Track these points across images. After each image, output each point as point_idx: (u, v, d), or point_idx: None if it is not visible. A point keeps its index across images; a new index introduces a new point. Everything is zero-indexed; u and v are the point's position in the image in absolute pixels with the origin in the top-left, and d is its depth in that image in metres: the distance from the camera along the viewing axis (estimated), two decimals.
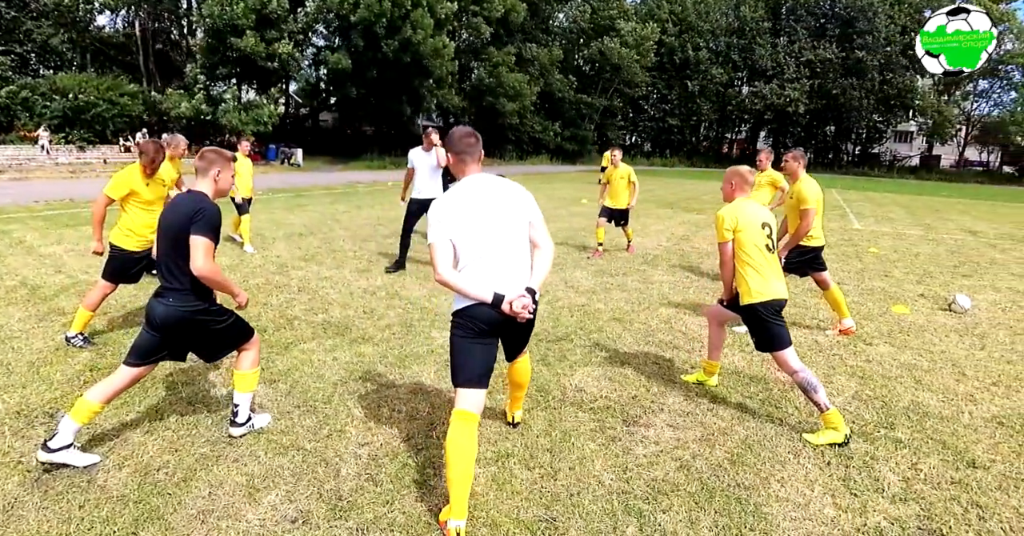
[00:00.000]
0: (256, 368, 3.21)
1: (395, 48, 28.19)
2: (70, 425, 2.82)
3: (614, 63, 46.33)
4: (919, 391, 4.27)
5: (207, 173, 2.95)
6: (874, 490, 2.98)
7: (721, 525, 2.60)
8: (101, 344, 4.45)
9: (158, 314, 2.87)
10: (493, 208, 2.63)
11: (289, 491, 2.72)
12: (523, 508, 2.60)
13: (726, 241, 3.60)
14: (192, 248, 2.77)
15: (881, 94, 48.63)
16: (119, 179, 4.30)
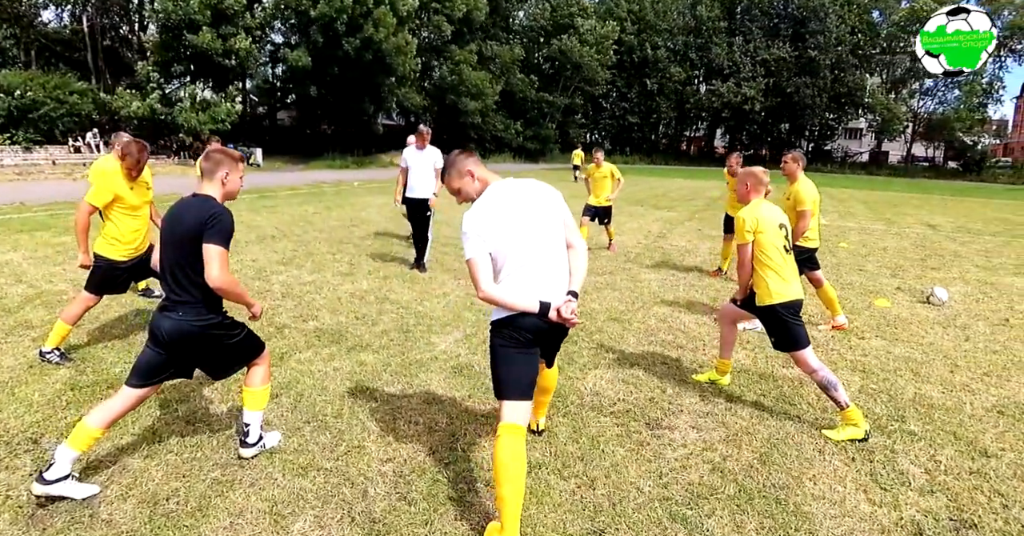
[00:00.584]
0: (267, 384, 3.02)
1: (357, 46, 27.69)
2: (68, 453, 2.58)
3: (574, 61, 46.64)
4: (920, 384, 4.36)
5: (214, 175, 2.74)
6: (901, 483, 3.01)
7: (767, 527, 2.58)
8: (79, 360, 4.14)
9: (166, 329, 2.65)
10: (527, 213, 2.52)
11: (318, 516, 2.55)
12: (567, 521, 2.53)
13: (746, 242, 3.60)
14: (207, 258, 2.57)
15: (833, 92, 50.33)
16: (102, 185, 3.98)
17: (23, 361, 4.09)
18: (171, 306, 2.67)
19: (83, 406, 3.40)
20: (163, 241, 2.71)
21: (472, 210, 2.54)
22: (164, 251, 2.70)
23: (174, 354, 2.71)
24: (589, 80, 48.87)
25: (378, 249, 8.78)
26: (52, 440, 3.03)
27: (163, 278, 2.72)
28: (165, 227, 2.71)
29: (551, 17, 47.50)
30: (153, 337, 2.70)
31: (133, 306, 5.49)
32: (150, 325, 2.72)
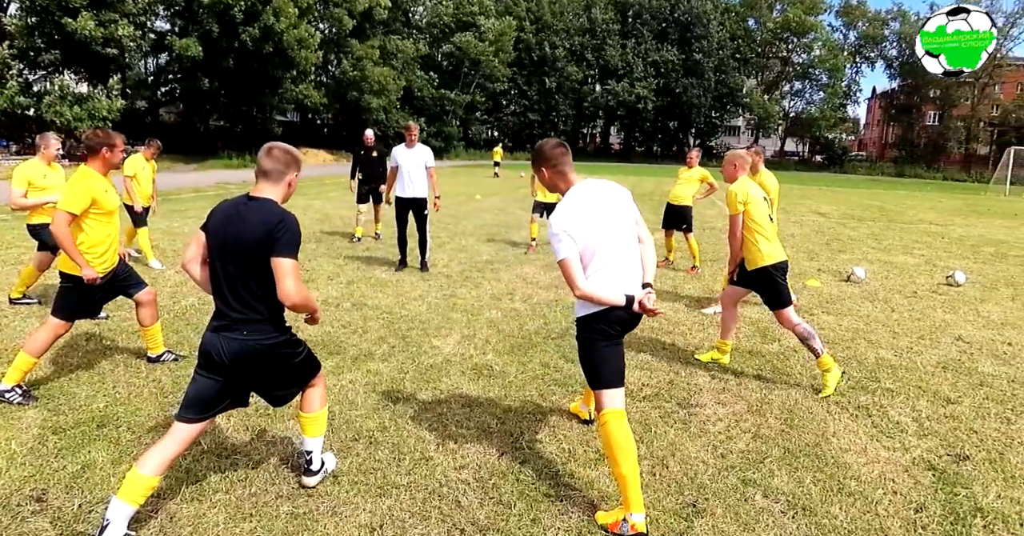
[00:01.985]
0: (326, 407, 2.79)
1: (256, 36, 26.28)
2: (124, 510, 2.25)
3: (474, 58, 46.98)
4: (875, 349, 5.05)
5: (283, 177, 2.46)
6: (900, 431, 3.55)
7: (821, 479, 2.98)
8: (46, 397, 3.54)
9: (230, 351, 2.38)
10: (609, 213, 2.68)
11: (424, 534, 2.47)
12: (659, 498, 2.74)
13: (738, 213, 4.11)
14: (280, 274, 2.33)
15: (716, 93, 54.32)
16: (78, 189, 3.51)
17: None
18: (232, 325, 2.40)
19: (79, 452, 2.95)
20: (215, 252, 2.41)
21: (560, 211, 2.65)
22: (218, 263, 2.41)
23: (234, 379, 2.46)
24: (489, 77, 49.40)
25: (326, 252, 8.45)
26: (60, 495, 2.63)
27: (219, 294, 2.44)
28: (216, 235, 2.41)
29: (453, 14, 47.45)
30: (209, 362, 2.42)
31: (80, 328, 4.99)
32: (204, 348, 2.43)
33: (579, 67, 54.24)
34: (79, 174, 3.59)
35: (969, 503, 2.83)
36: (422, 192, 7.09)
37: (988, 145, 49.65)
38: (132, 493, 2.27)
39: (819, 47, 54.74)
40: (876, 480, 3.00)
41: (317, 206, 14.14)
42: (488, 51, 46.84)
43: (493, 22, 47.85)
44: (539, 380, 4.10)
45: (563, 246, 2.59)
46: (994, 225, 15.48)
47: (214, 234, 2.41)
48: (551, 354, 4.63)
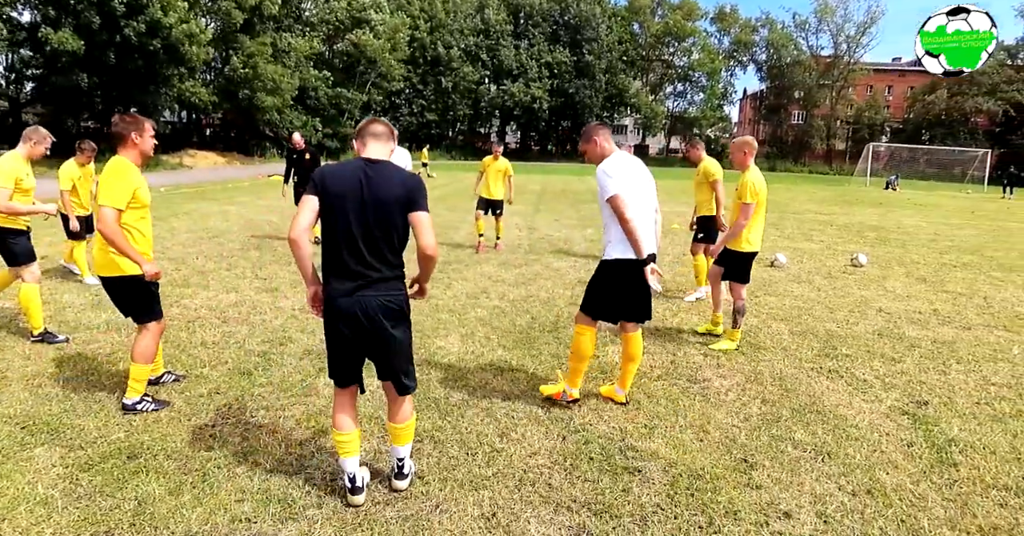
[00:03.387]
0: (414, 416, 2.85)
1: (141, 30, 24.32)
2: (354, 461, 2.69)
3: (369, 56, 46.12)
4: (822, 323, 5.84)
5: (390, 140, 2.65)
6: (868, 387, 4.25)
7: (829, 429, 3.57)
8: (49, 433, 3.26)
9: (372, 307, 2.49)
10: (641, 179, 3.52)
11: (539, 515, 2.62)
12: (714, 459, 3.16)
13: (752, 203, 4.60)
14: (425, 226, 2.51)
15: (607, 93, 56.84)
16: (122, 182, 3.25)
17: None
18: (371, 284, 2.50)
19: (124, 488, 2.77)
20: (350, 215, 2.46)
21: (611, 161, 3.41)
22: (353, 226, 2.46)
23: (363, 340, 2.56)
24: (385, 76, 48.67)
25: (273, 260, 8.15)
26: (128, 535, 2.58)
27: (354, 255, 2.49)
28: (350, 198, 2.45)
29: (347, 10, 46.22)
30: (347, 324, 2.51)
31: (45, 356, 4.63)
32: (340, 312, 2.50)
33: (475, 67, 54.73)
34: (118, 166, 3.30)
35: (943, 436, 3.52)
36: None
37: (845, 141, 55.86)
38: (351, 449, 2.65)
39: (697, 51, 58.97)
40: (868, 426, 3.63)
41: (235, 212, 13.50)
42: (383, 48, 46.12)
43: (386, 17, 47.17)
44: (559, 370, 4.42)
45: (614, 183, 3.32)
46: (866, 213, 17.67)
47: (344, 197, 2.46)
48: (556, 346, 4.96)
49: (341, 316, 2.53)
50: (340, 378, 2.68)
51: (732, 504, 2.75)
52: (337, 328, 2.57)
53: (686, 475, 2.98)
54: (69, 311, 5.56)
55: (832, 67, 56.55)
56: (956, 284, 7.92)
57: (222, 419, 3.49)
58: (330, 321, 2.59)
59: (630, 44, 57.81)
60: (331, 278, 2.56)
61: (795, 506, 2.76)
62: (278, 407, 3.66)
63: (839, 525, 2.65)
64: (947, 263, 9.56)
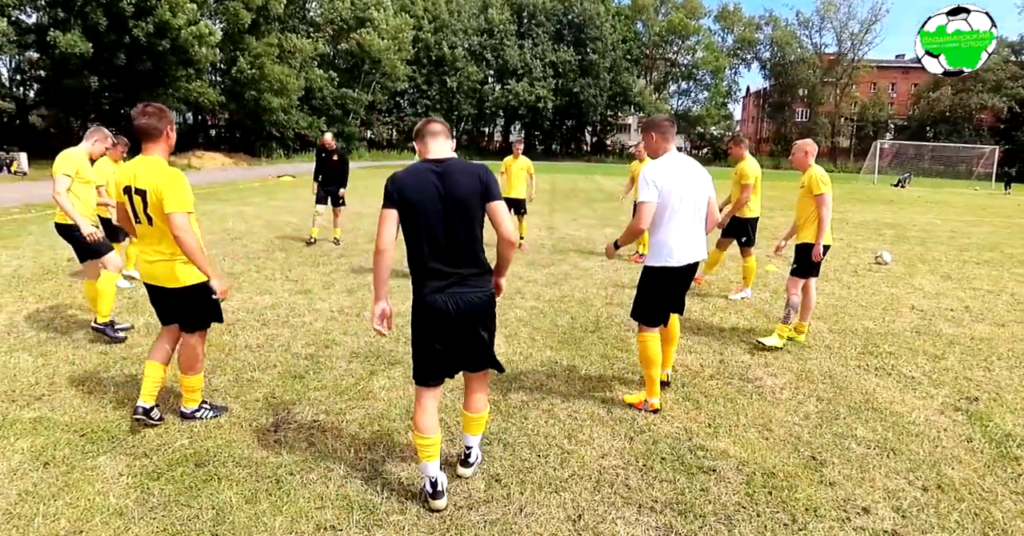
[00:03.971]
0: (488, 409, 2.92)
1: (150, 32, 24.38)
2: (435, 466, 2.68)
3: (373, 56, 46.16)
4: (859, 320, 5.88)
5: (449, 138, 2.72)
6: (917, 383, 4.28)
7: (887, 426, 3.60)
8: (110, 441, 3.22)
9: (464, 303, 2.56)
10: (690, 182, 3.49)
11: (623, 517, 2.64)
12: (782, 457, 3.20)
13: (828, 193, 4.71)
14: (501, 215, 2.58)
15: (611, 92, 56.86)
16: (184, 183, 3.07)
17: None
18: (462, 281, 2.57)
19: (199, 496, 2.74)
20: (434, 218, 2.52)
21: (656, 165, 3.42)
22: (440, 228, 2.53)
23: (454, 336, 2.61)
24: (389, 75, 48.72)
25: (300, 261, 8.14)
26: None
27: (442, 257, 2.55)
28: (431, 202, 2.51)
29: (351, 10, 46.28)
30: (438, 322, 2.58)
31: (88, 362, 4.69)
32: (431, 309, 2.57)
33: (479, 67, 54.80)
34: (168, 168, 3.08)
35: (999, 431, 3.56)
36: None
37: (849, 138, 55.87)
38: (434, 453, 2.65)
39: (701, 49, 59.00)
40: (925, 422, 3.67)
41: (251, 212, 13.50)
42: (387, 48, 46.16)
43: (389, 16, 47.21)
44: (611, 370, 4.45)
45: (648, 191, 3.35)
46: (879, 210, 17.71)
47: (423, 203, 2.50)
48: (602, 346, 4.97)
49: (435, 315, 2.58)
50: (428, 378, 2.69)
51: (811, 501, 2.79)
52: (431, 327, 2.61)
53: (759, 473, 3.01)
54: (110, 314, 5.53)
55: (836, 64, 56.58)
56: (982, 281, 7.96)
57: (283, 424, 3.46)
58: (423, 321, 2.62)
59: (634, 43, 57.89)
60: (423, 280, 2.61)
61: (871, 502, 2.80)
62: (337, 411, 3.64)
63: (916, 519, 2.69)
64: (968, 260, 9.60)
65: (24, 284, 6.46)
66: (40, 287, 6.37)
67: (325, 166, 9.67)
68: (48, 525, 2.51)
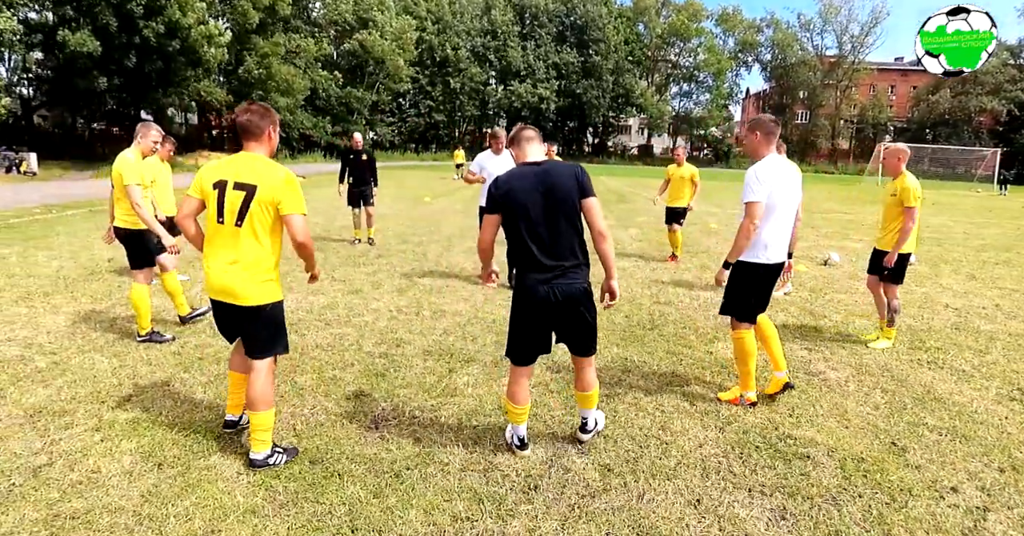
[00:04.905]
0: (597, 385, 3.21)
1: (160, 32, 24.46)
2: (520, 430, 3.14)
3: (377, 57, 46.37)
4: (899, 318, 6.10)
5: (542, 142, 3.03)
6: (970, 376, 4.51)
7: (953, 415, 3.83)
8: (221, 444, 3.21)
9: (565, 293, 2.81)
10: (790, 186, 3.66)
11: (735, 500, 2.81)
12: (863, 443, 3.41)
13: (917, 207, 4.77)
14: (596, 211, 2.83)
15: (614, 93, 57.14)
16: (298, 184, 2.94)
17: None
18: (565, 273, 2.83)
19: (325, 494, 2.76)
20: (538, 216, 2.78)
21: (763, 166, 3.57)
22: (543, 225, 2.78)
23: (559, 323, 2.91)
24: (393, 76, 48.92)
25: (339, 261, 8.25)
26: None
27: (546, 251, 2.80)
28: (533, 203, 2.76)
29: (353, 11, 46.45)
30: (541, 309, 2.84)
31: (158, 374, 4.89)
32: (535, 298, 2.83)
33: (482, 68, 55.06)
34: (282, 167, 2.93)
35: None
36: None
37: (849, 140, 56.34)
38: (523, 419, 3.09)
39: (703, 51, 59.38)
40: (986, 411, 3.89)
41: None
42: (390, 48, 46.35)
43: (392, 17, 47.41)
44: (680, 366, 4.63)
45: (759, 190, 3.52)
46: None
47: (526, 204, 2.79)
48: (665, 343, 5.13)
49: (538, 303, 2.87)
50: (524, 358, 3.03)
51: (903, 483, 3.00)
52: (532, 314, 2.91)
53: (850, 459, 3.22)
54: (167, 314, 5.50)
55: (836, 67, 57.01)
56: (1005, 281, 8.21)
57: (382, 421, 3.52)
58: (525, 308, 2.92)
59: (635, 44, 58.21)
60: (528, 272, 2.89)
61: (957, 482, 3.02)
62: (429, 408, 3.72)
63: (1000, 496, 2.91)
64: (988, 261, 9.85)
65: (72, 284, 6.52)
66: (90, 287, 6.44)
67: (355, 167, 9.68)
68: (183, 525, 2.54)
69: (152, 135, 4.80)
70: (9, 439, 3.22)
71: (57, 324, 5.14)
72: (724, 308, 3.91)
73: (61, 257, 7.90)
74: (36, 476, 2.88)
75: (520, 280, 2.91)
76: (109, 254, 7.90)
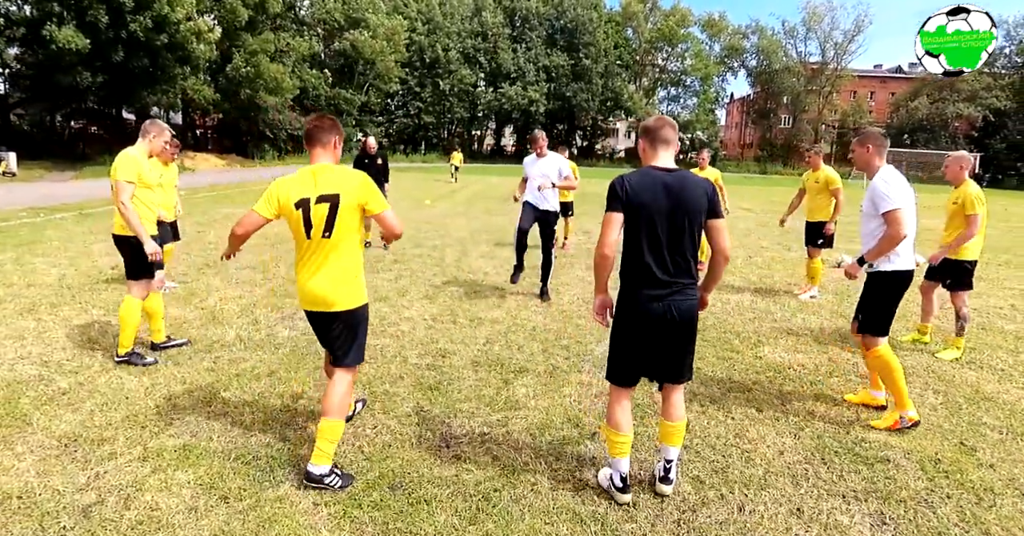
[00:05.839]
0: (685, 418, 2.92)
1: (148, 26, 23.94)
2: (622, 464, 2.81)
3: (367, 57, 46.08)
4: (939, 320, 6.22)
5: (677, 148, 2.88)
6: (1009, 376, 4.61)
7: (1006, 413, 3.92)
8: (282, 467, 3.35)
9: (683, 311, 2.66)
10: (910, 191, 3.59)
11: (843, 507, 2.82)
12: (936, 444, 3.46)
13: (980, 214, 4.78)
14: (721, 232, 2.70)
15: (603, 97, 57.46)
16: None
17: None
18: (682, 290, 2.67)
19: (406, 518, 2.62)
20: (659, 225, 2.62)
21: (890, 177, 3.55)
22: (664, 235, 2.62)
23: (669, 341, 2.70)
24: (383, 77, 48.65)
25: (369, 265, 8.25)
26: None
27: (662, 265, 2.64)
28: (658, 210, 2.60)
29: (343, 10, 46.09)
30: (655, 328, 2.67)
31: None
32: (650, 315, 2.65)
33: (472, 70, 54.97)
34: (357, 173, 2.91)
35: None
36: (553, 205, 6.45)
37: (831, 145, 57.18)
38: (626, 450, 2.79)
39: (690, 56, 60.02)
40: None
41: None
42: (381, 49, 46.09)
43: (383, 18, 47.15)
44: (732, 371, 4.65)
45: (897, 198, 3.44)
46: None
47: (650, 209, 2.60)
48: (712, 349, 5.12)
49: (651, 320, 2.66)
50: (628, 379, 2.80)
51: (983, 482, 3.06)
52: (643, 332, 2.70)
53: (927, 460, 3.27)
54: (188, 327, 5.24)
55: (819, 73, 57.97)
56: (1011, 282, 8.40)
57: (452, 438, 3.38)
58: (635, 325, 2.71)
59: (624, 49, 58.62)
60: (641, 286, 2.68)
61: None
62: (496, 422, 3.60)
63: None
64: (990, 262, 10.06)
65: (79, 294, 6.18)
66: (99, 297, 6.08)
67: (370, 171, 9.58)
68: None
69: (165, 134, 4.50)
70: (48, 474, 2.89)
71: (71, 339, 4.81)
72: (865, 325, 3.72)
73: (60, 264, 7.58)
74: (88, 517, 2.59)
75: (630, 295, 2.72)
76: (112, 261, 7.53)
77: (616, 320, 2.81)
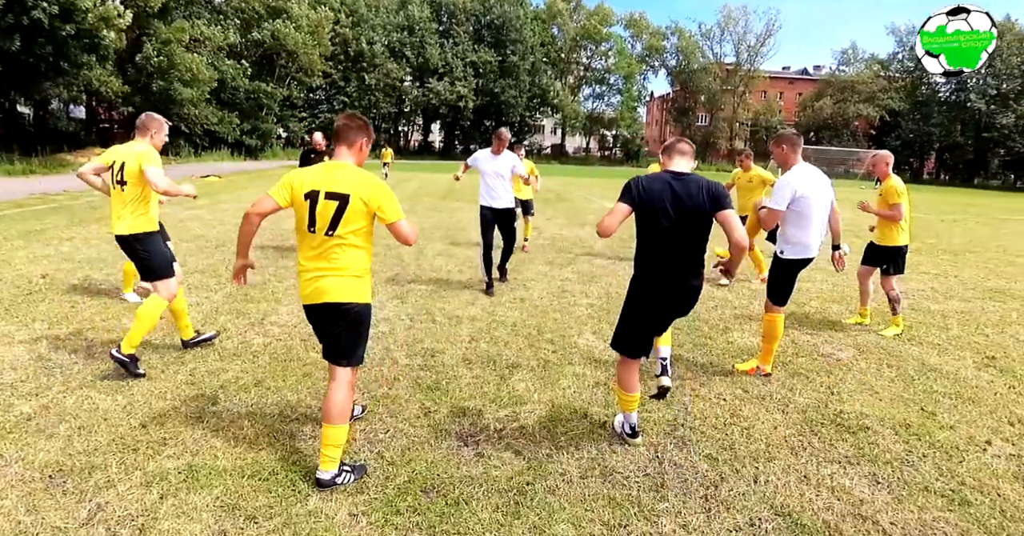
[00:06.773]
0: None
1: (53, 13, 22.14)
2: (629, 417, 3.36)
3: (289, 49, 44.44)
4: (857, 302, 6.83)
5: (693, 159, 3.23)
6: (945, 349, 5.18)
7: (955, 384, 4.44)
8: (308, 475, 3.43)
9: (687, 289, 3.11)
10: (821, 187, 4.12)
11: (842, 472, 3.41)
12: (903, 411, 3.92)
13: (902, 203, 5.39)
14: (732, 222, 2.97)
15: (531, 93, 58.04)
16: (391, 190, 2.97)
17: None
18: (696, 275, 3.12)
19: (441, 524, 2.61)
20: (660, 219, 2.98)
21: (794, 174, 4.04)
22: (675, 233, 2.99)
23: (673, 311, 3.21)
24: (306, 70, 47.06)
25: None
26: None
27: (669, 254, 3.04)
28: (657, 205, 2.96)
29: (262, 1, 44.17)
30: (669, 305, 3.16)
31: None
32: (666, 295, 3.10)
33: (399, 64, 54.08)
34: (374, 175, 2.87)
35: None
36: (508, 202, 6.67)
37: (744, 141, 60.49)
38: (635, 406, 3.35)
39: (614, 55, 61.72)
40: (975, 377, 4.55)
41: (211, 217, 11.87)
42: (304, 40, 44.53)
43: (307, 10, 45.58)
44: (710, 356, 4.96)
45: (783, 198, 3.98)
46: None
47: (655, 206, 2.98)
48: (685, 336, 5.41)
49: (663, 296, 3.13)
50: (638, 351, 3.27)
51: (949, 441, 3.48)
52: (655, 305, 3.16)
53: (899, 426, 3.67)
54: (151, 339, 4.77)
55: (734, 74, 61.18)
56: (924, 267, 9.32)
57: (469, 437, 3.39)
58: (649, 299, 3.15)
59: (551, 46, 59.49)
60: (654, 269, 3.12)
61: (989, 436, 3.55)
62: (505, 417, 3.63)
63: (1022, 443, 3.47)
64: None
65: (12, 307, 5.44)
66: (37, 309, 5.42)
67: None
68: None
69: (166, 130, 4.45)
70: (40, 510, 2.58)
71: (18, 358, 4.26)
72: (770, 294, 4.39)
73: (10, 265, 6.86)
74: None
75: (642, 278, 3.15)
76: (40, 269, 6.80)
77: (630, 297, 3.23)
